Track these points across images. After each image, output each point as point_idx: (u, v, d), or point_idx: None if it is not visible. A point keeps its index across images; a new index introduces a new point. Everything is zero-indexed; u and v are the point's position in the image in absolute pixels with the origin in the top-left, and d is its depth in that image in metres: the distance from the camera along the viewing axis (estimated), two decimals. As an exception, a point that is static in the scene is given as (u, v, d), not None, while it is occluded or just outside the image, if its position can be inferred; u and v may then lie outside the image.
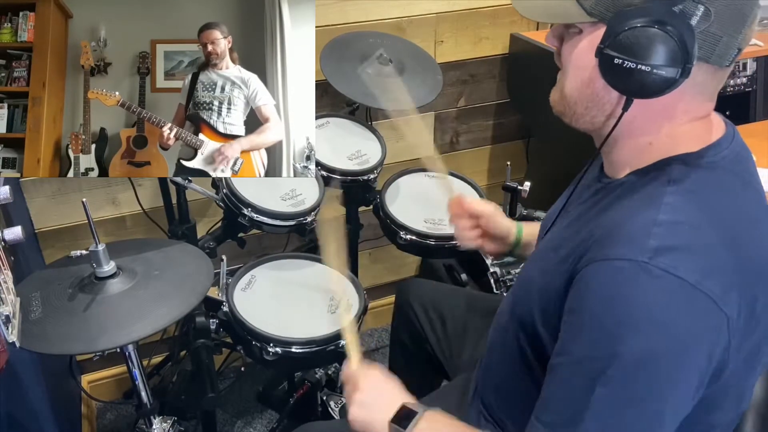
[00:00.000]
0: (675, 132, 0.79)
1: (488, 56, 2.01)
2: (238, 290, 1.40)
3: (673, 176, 0.77)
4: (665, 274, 0.69)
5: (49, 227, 1.72)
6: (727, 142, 0.81)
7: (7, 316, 0.91)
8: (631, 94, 0.75)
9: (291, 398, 1.66)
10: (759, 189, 0.83)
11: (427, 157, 1.39)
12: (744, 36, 0.73)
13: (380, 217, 1.62)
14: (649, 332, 0.69)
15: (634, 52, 0.71)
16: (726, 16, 0.71)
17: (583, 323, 0.73)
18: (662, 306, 0.69)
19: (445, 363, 1.37)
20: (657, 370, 0.70)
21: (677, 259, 0.70)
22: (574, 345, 0.75)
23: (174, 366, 1.75)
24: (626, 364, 0.70)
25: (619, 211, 0.78)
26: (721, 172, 0.79)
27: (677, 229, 0.72)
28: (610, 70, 0.74)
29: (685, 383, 0.72)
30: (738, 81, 2.03)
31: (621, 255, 0.71)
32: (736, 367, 0.75)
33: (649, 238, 0.71)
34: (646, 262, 0.69)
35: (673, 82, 0.72)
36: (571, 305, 0.76)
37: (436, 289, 1.50)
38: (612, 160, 0.86)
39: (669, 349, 0.70)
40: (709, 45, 0.72)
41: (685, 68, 0.71)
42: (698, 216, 0.74)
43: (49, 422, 1.44)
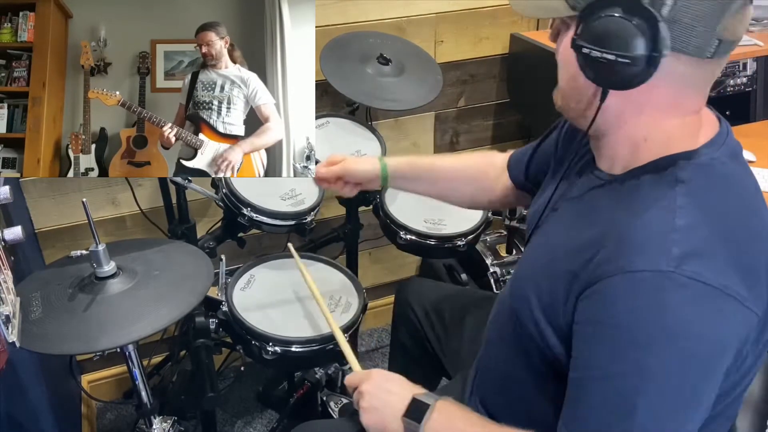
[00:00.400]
0: (668, 127, 0.79)
1: (488, 56, 2.01)
2: (237, 290, 1.40)
3: (680, 176, 0.76)
4: (692, 282, 0.69)
5: (49, 227, 1.72)
6: (722, 139, 0.81)
7: (7, 316, 0.91)
8: (606, 85, 0.76)
9: (291, 398, 1.66)
10: (753, 180, 0.84)
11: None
12: (725, 26, 0.72)
13: (380, 217, 1.62)
14: (682, 343, 0.69)
15: (603, 42, 0.72)
16: (699, 6, 0.70)
17: (612, 337, 0.73)
18: (693, 315, 0.69)
19: (444, 362, 1.37)
20: (694, 377, 0.71)
21: (701, 265, 0.70)
22: (603, 359, 0.74)
23: (174, 366, 1.75)
24: (662, 374, 0.70)
25: (630, 215, 0.76)
26: (722, 168, 0.79)
27: (696, 234, 0.72)
28: (584, 62, 0.75)
29: (715, 384, 0.73)
30: (738, 81, 2.03)
31: (644, 266, 0.71)
32: (751, 360, 0.77)
33: (672, 246, 0.70)
34: (672, 271, 0.69)
35: (643, 73, 0.72)
36: (592, 317, 0.75)
37: (436, 288, 1.50)
38: (606, 155, 0.85)
39: (704, 356, 0.70)
40: (683, 35, 0.71)
41: (651, 58, 0.71)
42: (712, 217, 0.74)
43: (49, 422, 1.44)
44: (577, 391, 0.78)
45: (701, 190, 0.76)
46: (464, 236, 1.54)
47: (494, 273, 1.85)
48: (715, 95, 2.00)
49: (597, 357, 0.75)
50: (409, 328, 1.45)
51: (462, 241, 1.53)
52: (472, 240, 1.57)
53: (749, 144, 1.83)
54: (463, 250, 1.55)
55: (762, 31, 1.93)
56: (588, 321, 0.76)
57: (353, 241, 1.81)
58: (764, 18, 1.95)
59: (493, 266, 1.86)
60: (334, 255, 1.88)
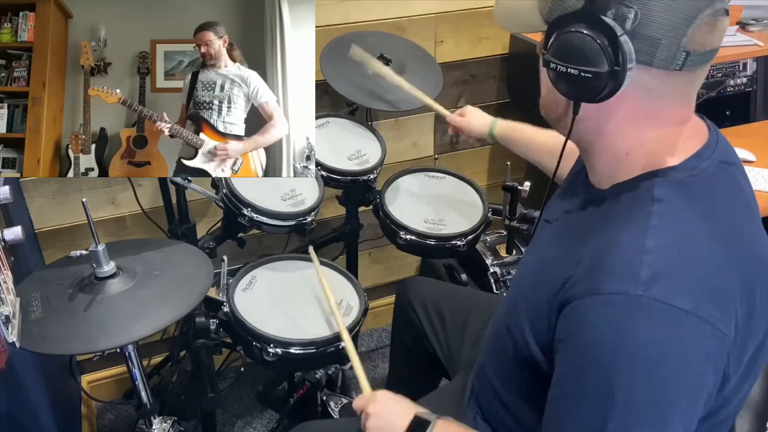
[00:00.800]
0: (649, 140, 0.78)
1: (488, 56, 2.01)
2: (238, 291, 1.40)
3: (656, 194, 0.76)
4: (661, 305, 0.68)
5: (49, 227, 1.72)
6: (709, 152, 0.80)
7: (7, 316, 0.91)
8: (573, 98, 0.77)
9: (291, 398, 1.66)
10: (743, 193, 0.83)
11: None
12: (692, 38, 0.71)
13: (380, 217, 1.62)
14: (648, 367, 0.69)
15: (566, 56, 0.73)
16: (663, 19, 0.70)
17: (581, 358, 0.73)
18: (661, 339, 0.69)
19: (445, 362, 1.37)
20: (664, 401, 0.70)
21: (671, 287, 0.69)
22: (575, 380, 0.74)
23: (174, 366, 1.75)
24: (631, 398, 0.70)
25: (605, 234, 0.77)
26: (703, 184, 0.78)
27: (666, 255, 0.71)
28: (554, 75, 0.76)
29: (694, 407, 0.72)
30: (738, 81, 2.03)
31: (613, 289, 0.70)
32: (736, 379, 0.76)
33: (641, 269, 0.70)
34: (641, 294, 0.69)
35: (607, 86, 0.72)
36: (563, 337, 0.76)
37: (437, 287, 1.49)
38: (594, 168, 0.85)
39: (674, 381, 0.69)
40: (647, 49, 0.71)
41: (613, 72, 0.71)
42: (686, 237, 0.73)
43: (49, 422, 1.44)
44: (552, 408, 0.79)
45: (676, 209, 0.75)
46: (464, 236, 1.54)
47: (494, 273, 1.85)
48: (715, 95, 2.00)
49: (568, 376, 0.76)
50: (410, 327, 1.45)
51: (462, 241, 1.53)
52: (472, 240, 1.57)
53: (749, 144, 1.83)
54: (463, 250, 1.55)
55: (762, 31, 1.93)
56: (562, 340, 0.76)
57: (353, 241, 1.81)
58: (764, 18, 1.95)
59: (493, 266, 1.86)
60: (334, 255, 1.88)
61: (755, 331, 0.76)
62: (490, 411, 1.02)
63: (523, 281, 0.93)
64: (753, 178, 1.70)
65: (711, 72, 2.01)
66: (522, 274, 0.97)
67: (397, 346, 1.55)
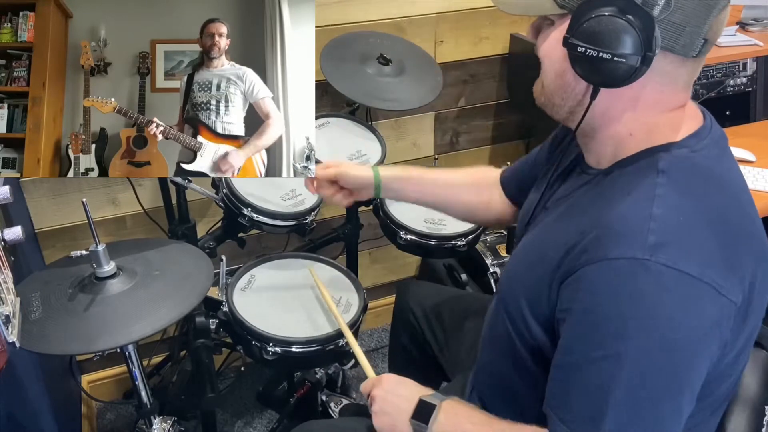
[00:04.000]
0: (653, 122, 0.80)
1: (488, 56, 2.01)
2: (237, 290, 1.40)
3: (661, 166, 0.77)
4: (667, 269, 0.69)
5: (49, 227, 1.72)
6: (706, 132, 0.82)
7: (7, 316, 0.90)
8: (597, 83, 0.77)
9: (291, 398, 1.66)
10: (738, 172, 0.84)
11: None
12: (710, 26, 0.74)
13: (380, 217, 1.62)
14: (656, 329, 0.70)
15: (596, 40, 0.73)
16: (689, 7, 0.72)
17: (590, 324, 0.74)
18: (668, 303, 0.70)
19: (444, 365, 1.37)
20: (670, 365, 0.71)
21: (677, 253, 0.70)
22: (583, 345, 0.75)
23: (174, 366, 1.75)
24: (639, 362, 0.71)
25: (611, 204, 0.78)
26: (704, 160, 0.80)
27: (673, 222, 0.73)
28: (576, 59, 0.76)
29: (699, 371, 0.73)
30: (738, 81, 2.03)
31: (621, 254, 0.71)
32: (732, 355, 0.77)
33: (648, 234, 0.71)
34: (648, 258, 0.70)
35: (636, 71, 0.73)
36: (570, 305, 0.76)
37: (436, 291, 1.49)
38: (593, 150, 0.87)
39: (680, 344, 0.71)
40: (672, 35, 0.73)
41: (645, 57, 0.72)
42: (690, 206, 0.75)
43: (49, 422, 1.45)
44: (559, 375, 0.79)
45: (681, 179, 0.77)
46: (464, 236, 1.54)
47: (494, 273, 1.85)
48: (715, 95, 2.00)
49: (576, 343, 0.76)
50: (409, 330, 1.45)
51: (462, 241, 1.53)
52: (472, 240, 1.57)
53: (749, 144, 1.83)
54: (463, 250, 1.55)
55: (762, 31, 1.93)
56: (568, 308, 0.77)
57: (353, 241, 1.81)
58: (764, 18, 1.95)
59: (493, 266, 1.86)
60: (334, 255, 1.88)
61: (756, 307, 0.77)
62: (492, 401, 1.02)
63: (518, 264, 0.93)
64: (753, 178, 1.70)
65: (711, 72, 2.01)
66: (517, 258, 0.97)
67: (396, 349, 1.54)
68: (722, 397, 0.86)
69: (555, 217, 0.91)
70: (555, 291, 0.79)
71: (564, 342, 0.78)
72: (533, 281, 0.84)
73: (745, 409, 0.97)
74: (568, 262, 0.77)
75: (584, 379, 0.75)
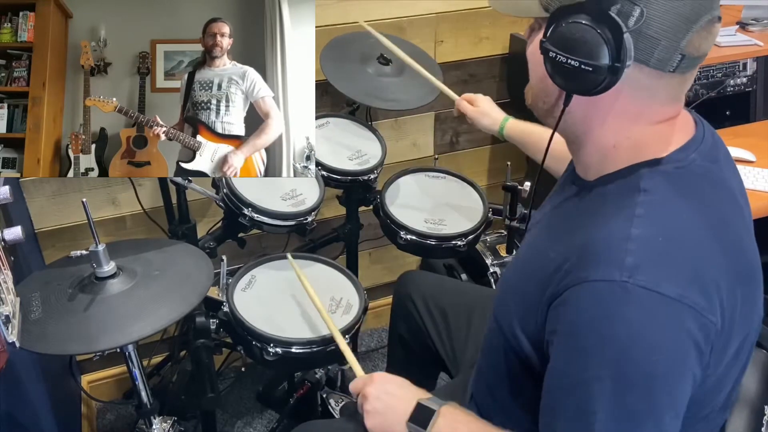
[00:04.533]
0: (637, 135, 0.79)
1: (488, 56, 2.01)
2: (238, 290, 1.40)
3: (643, 185, 0.76)
4: (646, 291, 0.69)
5: (49, 227, 1.72)
6: (695, 144, 0.80)
7: (7, 316, 0.90)
8: (568, 89, 0.77)
9: (291, 398, 1.66)
10: (730, 186, 0.83)
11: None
12: (690, 42, 0.72)
13: (380, 217, 1.62)
14: (635, 354, 0.69)
15: (567, 47, 0.73)
16: (666, 21, 0.70)
17: (571, 346, 0.74)
18: (647, 325, 0.69)
19: (447, 359, 1.36)
20: (652, 388, 0.70)
21: (656, 275, 0.69)
22: (565, 367, 0.75)
23: (174, 366, 1.75)
24: (620, 385, 0.70)
25: (594, 223, 0.77)
26: (690, 176, 0.78)
27: (652, 243, 0.72)
28: (550, 64, 0.76)
29: (682, 393, 0.72)
30: (738, 81, 2.03)
31: (600, 276, 0.71)
32: (717, 374, 0.76)
33: (626, 255, 0.70)
34: (626, 281, 0.69)
35: (604, 80, 0.72)
36: (556, 327, 0.76)
37: (438, 282, 1.49)
38: (581, 161, 0.86)
39: (659, 368, 0.70)
40: (646, 48, 0.72)
41: (613, 67, 0.71)
42: (672, 226, 0.74)
43: (49, 422, 1.45)
44: (546, 398, 0.79)
45: (663, 199, 0.76)
46: (464, 236, 1.54)
47: (494, 273, 1.85)
48: (715, 95, 2.00)
49: (560, 366, 0.76)
50: (409, 321, 1.45)
51: (462, 241, 1.53)
52: (472, 240, 1.57)
53: (749, 144, 1.83)
54: (463, 250, 1.55)
55: (762, 31, 1.93)
56: (554, 330, 0.77)
57: (353, 241, 1.81)
58: (764, 18, 1.95)
59: (493, 266, 1.86)
60: (334, 255, 1.88)
61: (738, 328, 0.76)
62: (487, 411, 1.02)
63: (513, 277, 0.93)
64: (753, 178, 1.70)
65: (711, 72, 2.01)
66: (512, 270, 0.97)
67: (395, 340, 1.54)
68: (721, 404, 0.85)
69: (546, 228, 0.91)
70: (543, 312, 0.79)
71: (552, 365, 0.78)
72: (524, 298, 0.84)
73: (745, 409, 0.97)
74: (555, 284, 0.77)
75: (569, 403, 0.75)
